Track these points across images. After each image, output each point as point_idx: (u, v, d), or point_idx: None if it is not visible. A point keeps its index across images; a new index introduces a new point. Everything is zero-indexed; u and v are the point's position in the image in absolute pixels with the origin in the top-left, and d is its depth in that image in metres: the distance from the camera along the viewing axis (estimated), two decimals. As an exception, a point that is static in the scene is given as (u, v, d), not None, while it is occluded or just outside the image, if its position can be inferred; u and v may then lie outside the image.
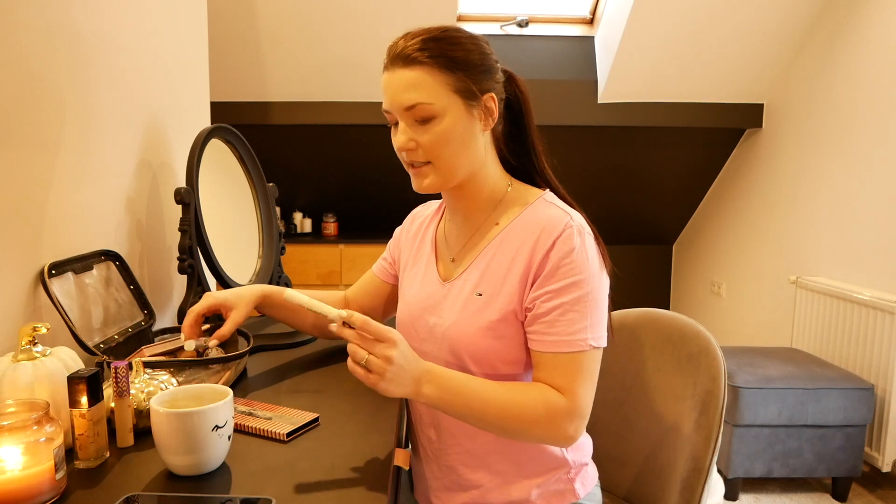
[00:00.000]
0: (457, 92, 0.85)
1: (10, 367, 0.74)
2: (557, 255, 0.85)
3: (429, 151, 0.87)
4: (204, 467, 0.73)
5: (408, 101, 0.85)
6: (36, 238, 0.94)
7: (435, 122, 0.85)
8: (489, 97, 0.88)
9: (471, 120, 0.88)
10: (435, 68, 0.84)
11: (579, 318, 0.84)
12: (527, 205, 0.93)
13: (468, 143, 0.88)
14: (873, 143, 2.44)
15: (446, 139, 0.86)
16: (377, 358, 0.75)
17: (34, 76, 0.93)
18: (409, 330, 0.99)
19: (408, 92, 0.85)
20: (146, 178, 1.31)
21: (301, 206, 3.68)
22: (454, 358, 0.91)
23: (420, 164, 0.89)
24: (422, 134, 0.86)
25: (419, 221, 1.09)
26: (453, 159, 0.88)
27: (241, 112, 3.04)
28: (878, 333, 2.24)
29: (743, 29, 2.76)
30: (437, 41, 0.85)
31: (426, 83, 0.84)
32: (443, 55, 0.84)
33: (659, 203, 3.72)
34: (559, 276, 0.85)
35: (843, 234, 2.59)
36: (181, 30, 1.49)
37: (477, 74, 0.87)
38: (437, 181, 0.90)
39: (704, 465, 1.00)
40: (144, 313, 1.14)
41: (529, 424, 0.83)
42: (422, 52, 0.84)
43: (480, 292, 0.90)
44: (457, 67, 0.85)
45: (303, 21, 2.71)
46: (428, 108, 0.84)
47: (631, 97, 3.06)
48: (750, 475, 2.17)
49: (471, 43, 0.87)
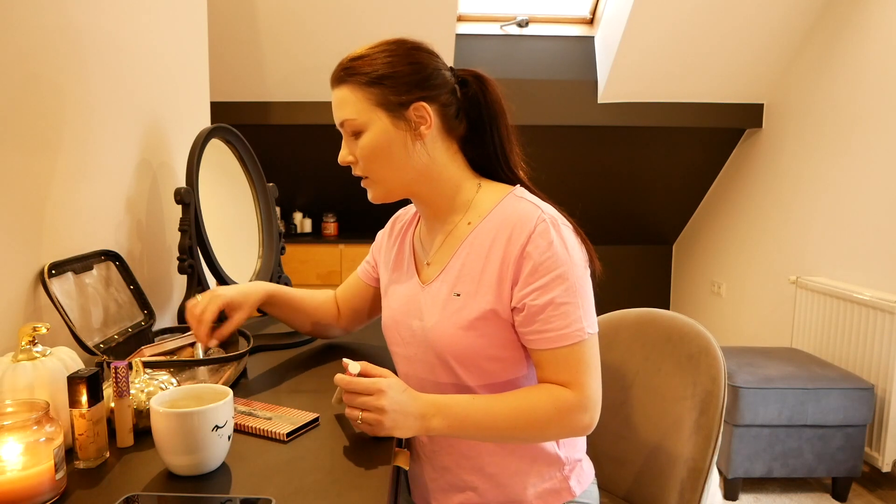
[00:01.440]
0: (378, 106, 0.89)
1: (10, 367, 0.74)
2: (537, 250, 0.85)
3: (364, 165, 0.92)
4: (204, 467, 0.73)
5: (338, 117, 0.91)
6: (36, 238, 0.94)
7: (363, 137, 0.90)
8: (419, 106, 0.89)
9: (397, 131, 0.90)
10: (355, 86, 0.89)
11: (572, 308, 0.84)
12: (498, 201, 0.93)
13: (398, 154, 0.91)
14: (873, 142, 2.44)
15: (372, 151, 0.90)
16: (370, 412, 0.79)
17: (34, 76, 0.93)
18: (393, 333, 1.00)
19: (338, 109, 0.91)
20: (146, 178, 1.31)
21: (301, 206, 3.69)
22: (438, 359, 0.92)
23: (362, 177, 0.95)
24: (356, 148, 0.92)
25: (399, 225, 1.10)
26: (384, 171, 0.92)
27: (241, 112, 3.04)
28: (878, 333, 2.24)
29: (743, 29, 2.76)
30: (360, 59, 0.90)
31: (350, 100, 0.90)
32: (361, 72, 0.89)
33: (659, 203, 3.72)
34: (543, 271, 0.84)
35: (843, 234, 2.59)
36: (181, 30, 1.49)
37: (400, 87, 0.89)
38: (379, 193, 0.95)
39: (704, 465, 1.00)
40: (144, 313, 1.14)
41: (543, 427, 0.84)
42: (346, 70, 0.90)
43: (458, 292, 0.90)
44: (375, 83, 0.89)
45: (303, 21, 2.71)
46: (353, 123, 0.90)
47: (631, 97, 3.06)
48: (750, 475, 2.17)
49: (398, 56, 0.90)
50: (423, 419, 0.81)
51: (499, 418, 0.83)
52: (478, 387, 0.91)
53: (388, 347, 1.04)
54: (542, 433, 0.86)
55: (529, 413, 0.84)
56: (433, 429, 0.81)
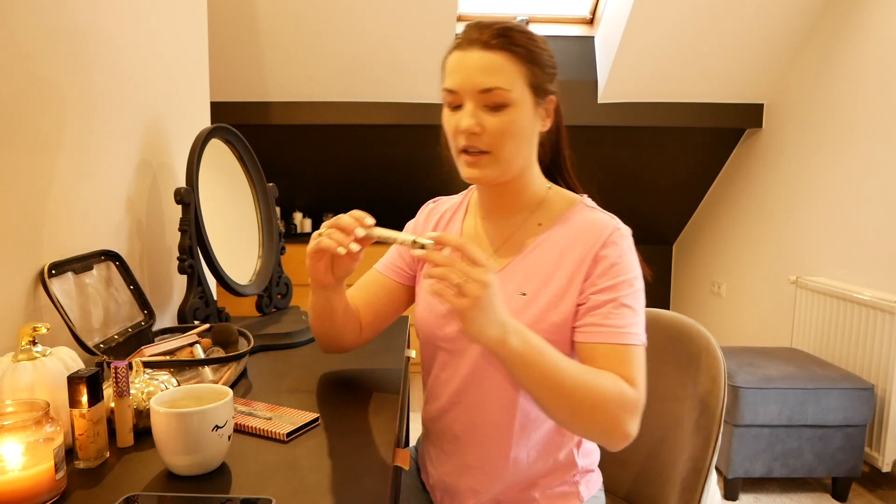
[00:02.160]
0: (530, 86, 0.85)
1: (10, 367, 0.74)
2: (612, 254, 0.86)
3: (493, 140, 0.85)
4: (204, 467, 0.73)
5: (486, 83, 0.83)
6: (36, 238, 0.94)
7: (506, 111, 0.84)
8: (552, 99, 0.89)
9: (535, 117, 0.88)
10: (516, 57, 0.83)
11: (632, 313, 0.84)
12: (570, 207, 0.93)
13: (529, 140, 0.89)
14: (873, 142, 2.44)
15: (513, 130, 0.85)
16: (473, 281, 0.71)
17: (34, 76, 0.93)
18: (434, 331, 0.96)
19: (486, 75, 0.83)
20: (146, 178, 1.30)
21: (301, 206, 3.68)
22: (486, 358, 0.91)
23: (477, 151, 0.86)
24: (489, 120, 0.84)
25: (437, 217, 1.05)
26: (514, 152, 0.87)
27: (241, 112, 3.04)
28: (878, 333, 2.24)
29: (743, 29, 2.76)
30: (520, 32, 0.84)
31: (506, 70, 0.83)
32: (525, 47, 0.84)
33: (659, 203, 3.72)
34: (613, 274, 0.85)
35: (843, 234, 2.59)
36: (181, 30, 1.49)
37: (547, 74, 0.87)
38: (491, 173, 0.88)
39: (704, 465, 1.00)
40: (144, 313, 1.14)
41: (597, 406, 0.78)
42: (505, 39, 0.83)
43: (524, 292, 0.89)
44: (534, 62, 0.85)
45: (303, 21, 2.70)
46: (504, 95, 0.83)
47: (631, 97, 3.06)
48: (750, 475, 2.17)
49: (544, 43, 0.88)
50: (505, 329, 0.74)
51: (565, 375, 0.77)
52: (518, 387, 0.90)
53: (425, 343, 1.00)
54: (592, 413, 0.78)
55: (593, 386, 0.78)
56: (509, 344, 0.75)
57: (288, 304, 1.54)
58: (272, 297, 1.49)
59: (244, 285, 1.39)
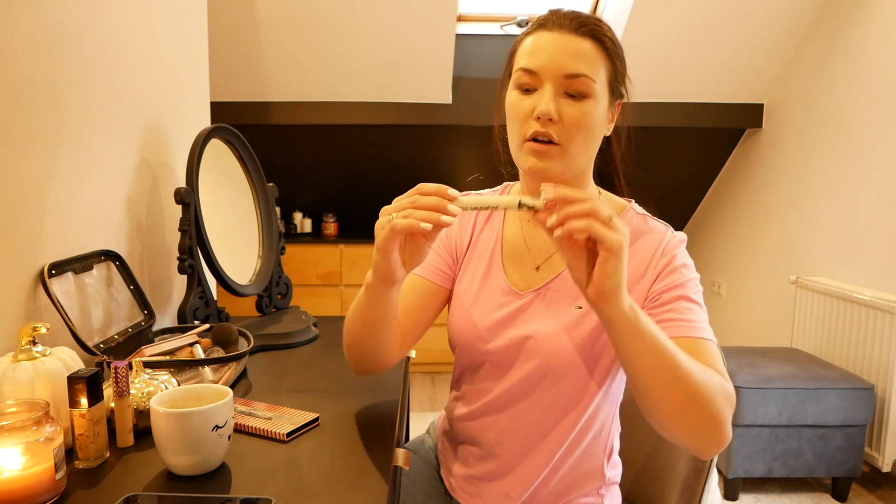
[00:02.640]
0: (609, 83, 0.83)
1: (10, 367, 0.74)
2: (676, 258, 0.84)
3: (566, 131, 0.80)
4: (204, 467, 0.73)
5: (574, 68, 0.78)
6: (36, 238, 0.94)
7: (586, 102, 0.80)
8: (620, 104, 0.87)
9: (606, 116, 0.85)
10: (604, 50, 0.81)
11: (702, 311, 0.81)
12: (621, 214, 0.90)
13: (597, 138, 0.85)
14: (873, 142, 2.44)
15: (589, 123, 0.80)
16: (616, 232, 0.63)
17: (34, 76, 0.93)
18: (476, 344, 0.90)
19: (576, 60, 0.79)
20: (146, 178, 1.30)
21: (301, 206, 3.68)
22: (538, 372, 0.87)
23: (546, 140, 0.81)
24: (568, 109, 0.79)
25: (466, 218, 0.98)
26: (583, 146, 0.82)
27: (241, 112, 3.04)
28: (878, 333, 2.24)
29: (743, 29, 2.76)
30: (607, 25, 0.82)
31: (596, 60, 0.80)
32: (612, 40, 0.82)
33: (659, 203, 3.71)
34: (678, 276, 0.82)
35: (843, 234, 2.59)
36: (181, 30, 1.49)
37: (622, 76, 0.85)
38: (557, 167, 0.81)
39: (704, 465, 1.00)
40: (144, 313, 1.14)
41: (709, 397, 0.70)
42: (596, 27, 0.80)
43: (580, 305, 0.85)
44: (618, 58, 0.83)
45: (303, 21, 2.70)
46: (589, 84, 0.79)
47: (630, 97, 3.06)
48: (750, 475, 2.17)
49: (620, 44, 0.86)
50: (624, 291, 0.66)
51: (680, 357, 0.69)
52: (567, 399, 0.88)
53: (462, 352, 0.94)
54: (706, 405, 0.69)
55: (703, 375, 0.71)
56: (629, 303, 0.67)
57: (288, 304, 1.54)
58: (272, 297, 1.49)
59: (244, 285, 1.39)
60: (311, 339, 1.32)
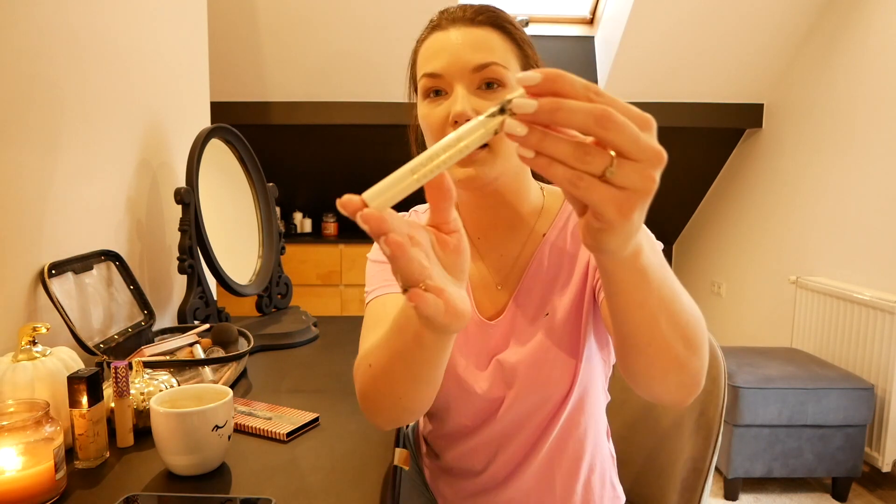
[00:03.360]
0: (523, 70, 0.75)
1: (10, 367, 0.74)
2: None
3: None
4: (204, 467, 0.73)
5: (480, 59, 0.72)
6: (36, 238, 0.94)
7: (503, 92, 0.72)
8: None
9: None
10: (506, 35, 0.75)
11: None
12: (561, 202, 0.84)
13: None
14: (873, 142, 2.44)
15: None
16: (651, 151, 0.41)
17: (34, 76, 0.93)
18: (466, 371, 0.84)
19: (480, 51, 0.72)
20: (146, 178, 1.30)
21: (301, 206, 3.69)
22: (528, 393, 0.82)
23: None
24: (484, 104, 0.71)
25: None
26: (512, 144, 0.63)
27: (241, 112, 3.04)
28: (878, 333, 2.24)
29: (743, 29, 2.76)
30: (503, 12, 0.77)
31: (501, 46, 0.74)
32: (513, 25, 0.76)
33: (659, 203, 3.71)
34: None
35: (843, 234, 2.59)
36: (181, 30, 1.49)
37: (536, 60, 0.79)
38: (490, 172, 0.73)
39: (704, 465, 1.00)
40: (144, 313, 1.14)
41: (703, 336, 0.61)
42: (492, 14, 0.75)
43: (548, 312, 0.81)
44: (525, 43, 0.77)
45: (303, 20, 2.71)
46: (502, 72, 0.72)
47: (631, 97, 3.06)
48: (750, 475, 2.17)
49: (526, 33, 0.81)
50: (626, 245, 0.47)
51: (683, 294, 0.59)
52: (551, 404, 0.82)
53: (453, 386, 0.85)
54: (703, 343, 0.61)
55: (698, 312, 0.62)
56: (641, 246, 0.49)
57: (288, 304, 1.54)
58: (272, 297, 1.49)
59: (244, 285, 1.39)
60: (311, 339, 1.32)
